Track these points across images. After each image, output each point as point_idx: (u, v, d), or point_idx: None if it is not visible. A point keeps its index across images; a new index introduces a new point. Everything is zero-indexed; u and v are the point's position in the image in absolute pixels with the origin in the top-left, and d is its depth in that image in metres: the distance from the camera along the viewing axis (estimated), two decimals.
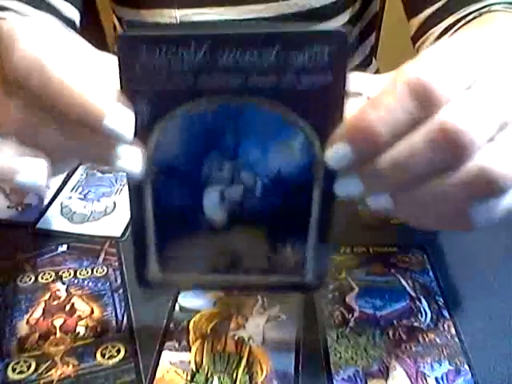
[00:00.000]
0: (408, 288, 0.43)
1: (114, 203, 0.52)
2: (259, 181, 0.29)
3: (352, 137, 0.26)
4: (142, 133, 0.28)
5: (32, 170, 0.28)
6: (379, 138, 0.26)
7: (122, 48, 0.26)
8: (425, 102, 0.25)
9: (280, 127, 0.28)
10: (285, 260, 0.32)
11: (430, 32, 0.62)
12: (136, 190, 0.30)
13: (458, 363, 0.37)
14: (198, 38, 0.26)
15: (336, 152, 0.26)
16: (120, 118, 0.26)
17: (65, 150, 0.28)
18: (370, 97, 0.27)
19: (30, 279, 0.44)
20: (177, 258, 0.32)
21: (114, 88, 0.27)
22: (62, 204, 0.52)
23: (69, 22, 0.62)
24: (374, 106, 0.26)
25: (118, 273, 0.44)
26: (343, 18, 0.76)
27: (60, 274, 0.44)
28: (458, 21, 0.58)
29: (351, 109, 0.27)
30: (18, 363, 0.37)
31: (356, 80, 0.28)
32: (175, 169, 0.29)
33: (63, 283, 0.44)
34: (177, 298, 0.42)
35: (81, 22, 0.64)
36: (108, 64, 0.29)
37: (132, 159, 0.28)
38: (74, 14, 0.62)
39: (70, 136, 0.27)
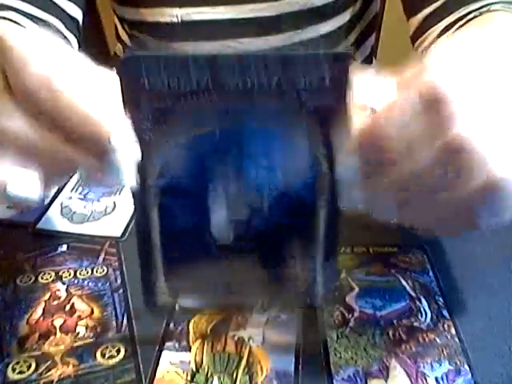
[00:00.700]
0: (408, 288, 0.43)
1: (114, 203, 0.52)
2: (266, 200, 0.29)
3: (363, 150, 0.26)
4: (146, 154, 0.28)
5: (24, 183, 0.28)
6: (390, 150, 0.25)
7: (123, 69, 0.26)
8: (438, 114, 0.25)
9: (285, 146, 0.28)
10: (293, 279, 0.32)
11: (430, 31, 0.62)
12: (142, 214, 0.30)
13: (458, 363, 0.37)
14: (198, 58, 0.26)
15: (346, 164, 0.27)
16: (125, 136, 0.27)
17: (63, 160, 0.28)
18: (375, 108, 0.27)
19: (30, 279, 0.44)
20: (185, 282, 0.32)
21: (116, 106, 0.28)
22: (62, 204, 0.52)
23: (73, 21, 0.62)
24: (385, 119, 0.26)
25: (117, 273, 0.44)
26: (344, 17, 0.76)
27: (60, 274, 0.44)
28: (458, 20, 0.58)
29: (357, 121, 0.27)
30: (17, 363, 0.37)
31: (360, 91, 0.28)
32: (181, 190, 0.29)
33: (63, 283, 0.44)
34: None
35: (83, 21, 0.64)
36: (107, 80, 0.29)
37: (129, 169, 0.28)
38: (78, 14, 0.63)
39: (70, 149, 0.28)
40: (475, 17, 0.55)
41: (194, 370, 0.37)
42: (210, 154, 0.28)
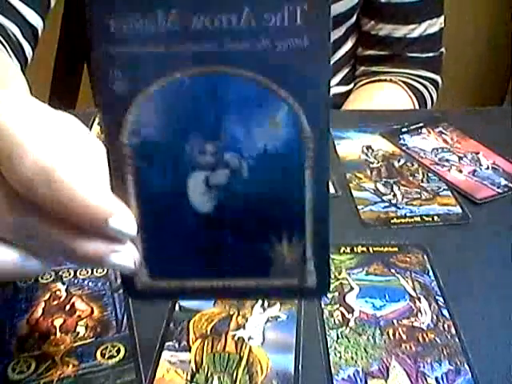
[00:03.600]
0: (408, 288, 0.43)
1: None
2: (245, 162, 0.27)
3: None
4: (118, 112, 0.26)
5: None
6: None
7: (91, 11, 0.25)
8: None
9: (262, 100, 0.26)
10: (282, 259, 0.29)
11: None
12: (119, 183, 0.28)
13: (458, 363, 0.37)
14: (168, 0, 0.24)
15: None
16: (124, 218, 0.26)
17: (58, 249, 0.27)
18: None
19: (30, 279, 0.44)
20: (166, 260, 0.29)
21: (107, 177, 0.27)
22: None
23: (31, 29, 0.63)
24: None
25: (117, 273, 0.44)
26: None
27: (60, 273, 0.44)
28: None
29: None
30: (17, 363, 0.37)
31: None
32: (156, 154, 0.27)
33: (63, 283, 0.44)
34: (176, 299, 0.42)
35: (42, 30, 0.65)
36: (96, 148, 0.29)
37: (128, 256, 0.28)
38: (38, 22, 0.64)
39: (67, 237, 0.27)
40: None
41: (194, 369, 0.37)
42: (184, 106, 0.26)
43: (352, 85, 0.88)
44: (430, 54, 0.83)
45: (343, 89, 0.87)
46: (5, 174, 0.26)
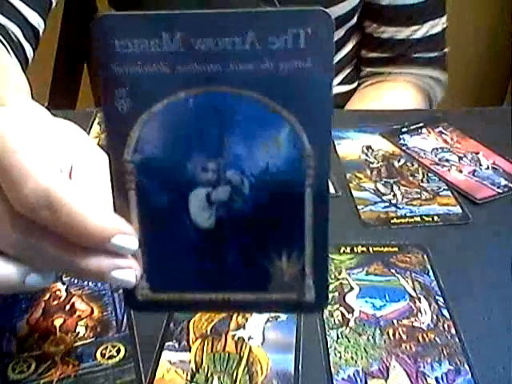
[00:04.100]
0: (408, 288, 0.43)
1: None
2: (246, 179, 0.28)
3: None
4: (122, 130, 0.27)
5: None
6: None
7: (97, 31, 0.25)
8: None
9: (264, 120, 0.26)
10: (281, 274, 0.29)
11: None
12: (121, 198, 0.28)
13: (458, 363, 0.37)
14: (173, 20, 0.25)
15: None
16: (125, 234, 0.27)
17: (60, 265, 0.28)
18: None
19: None
20: (167, 273, 0.30)
21: (109, 191, 0.28)
22: None
23: (33, 30, 0.63)
24: None
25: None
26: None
27: (60, 273, 0.44)
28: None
29: None
30: (17, 363, 0.37)
31: None
32: (159, 171, 0.28)
33: (63, 283, 0.43)
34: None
35: (44, 31, 0.65)
36: (98, 157, 0.29)
37: (130, 270, 0.28)
38: (39, 23, 0.64)
39: (69, 253, 0.27)
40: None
41: (194, 369, 0.37)
42: (187, 125, 0.27)
43: (355, 84, 0.88)
44: (434, 54, 0.83)
45: (345, 88, 0.87)
46: (7, 194, 0.26)
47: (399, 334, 0.39)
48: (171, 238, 0.29)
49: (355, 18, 0.81)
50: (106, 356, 0.38)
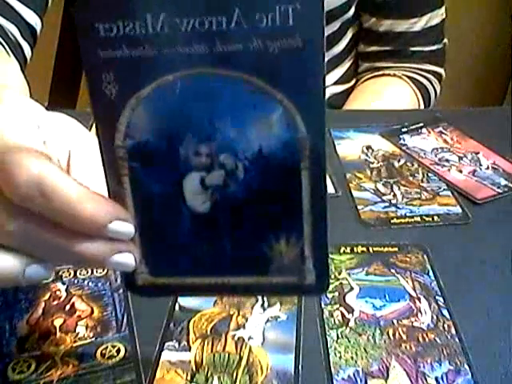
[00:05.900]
0: (408, 288, 0.43)
1: None
2: (240, 163, 0.27)
3: None
4: (111, 115, 0.26)
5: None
6: None
7: (80, 16, 0.25)
8: None
9: (256, 101, 0.26)
10: (280, 257, 0.29)
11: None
12: (115, 184, 0.28)
13: (458, 363, 0.37)
14: (156, 1, 0.24)
15: None
16: (121, 219, 0.27)
17: (60, 254, 0.28)
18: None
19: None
20: (165, 258, 0.30)
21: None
22: None
23: (29, 29, 0.63)
24: None
25: (117, 273, 0.44)
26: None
27: (60, 273, 0.44)
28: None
29: None
30: (17, 363, 0.37)
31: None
32: (151, 156, 0.27)
33: (63, 283, 0.44)
34: (177, 297, 0.42)
35: (41, 30, 0.65)
36: (94, 146, 0.29)
37: (128, 254, 0.28)
38: (36, 21, 0.64)
39: (67, 241, 0.27)
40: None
41: (194, 369, 0.37)
42: (177, 108, 0.26)
43: (352, 82, 0.87)
44: (434, 47, 0.83)
45: (343, 87, 0.86)
46: (1, 185, 0.26)
47: (399, 334, 0.39)
48: (167, 223, 0.29)
49: (351, 11, 0.80)
50: (106, 356, 0.38)
